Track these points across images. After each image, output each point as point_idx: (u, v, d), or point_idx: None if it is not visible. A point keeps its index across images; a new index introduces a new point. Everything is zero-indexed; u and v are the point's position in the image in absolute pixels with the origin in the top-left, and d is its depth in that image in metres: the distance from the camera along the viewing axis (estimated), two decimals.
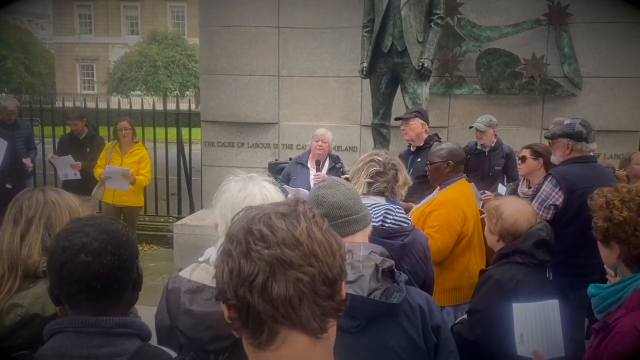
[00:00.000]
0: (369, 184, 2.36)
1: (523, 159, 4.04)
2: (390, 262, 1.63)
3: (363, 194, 2.37)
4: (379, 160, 2.37)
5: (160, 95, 28.38)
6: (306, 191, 5.15)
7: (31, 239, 1.76)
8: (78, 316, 1.24)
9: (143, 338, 1.32)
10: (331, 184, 1.77)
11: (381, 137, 5.60)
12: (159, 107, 8.28)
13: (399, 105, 5.57)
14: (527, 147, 4.08)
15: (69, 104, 8.01)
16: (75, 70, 41.70)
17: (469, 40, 6.15)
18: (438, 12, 5.20)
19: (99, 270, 1.24)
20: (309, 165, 5.30)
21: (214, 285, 1.74)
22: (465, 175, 3.45)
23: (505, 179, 5.23)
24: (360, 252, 1.60)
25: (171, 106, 7.92)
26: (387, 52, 5.23)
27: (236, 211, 1.78)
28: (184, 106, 8.42)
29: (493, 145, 5.29)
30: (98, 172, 5.97)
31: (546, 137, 3.77)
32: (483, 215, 3.51)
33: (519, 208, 2.51)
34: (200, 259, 1.91)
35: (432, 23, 5.19)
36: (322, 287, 0.85)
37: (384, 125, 5.57)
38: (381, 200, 2.36)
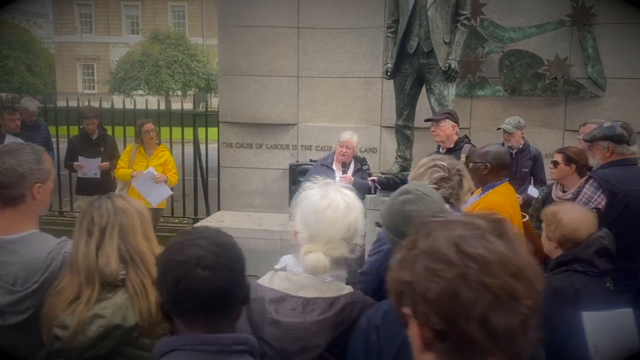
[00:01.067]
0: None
1: (555, 163, 3.98)
2: None
3: None
4: (443, 166, 2.32)
5: (163, 95, 28.29)
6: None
7: (107, 248, 1.71)
8: (193, 333, 1.20)
9: (254, 354, 1.28)
10: (417, 198, 1.70)
11: (405, 138, 5.56)
12: (163, 106, 8.20)
13: (421, 107, 5.54)
14: (559, 151, 4.02)
15: (73, 103, 7.92)
16: (76, 69, 41.53)
17: (492, 41, 6.11)
18: (465, 12, 5.16)
19: (216, 285, 1.19)
20: (334, 167, 5.26)
21: (297, 294, 1.72)
22: (507, 179, 3.41)
23: (532, 181, 5.21)
24: None
25: (175, 106, 7.87)
26: (413, 52, 5.18)
27: (320, 218, 1.76)
28: (187, 106, 8.35)
29: (520, 147, 5.27)
30: (121, 172, 5.93)
31: (585, 140, 3.73)
32: (525, 219, 3.49)
33: (579, 215, 2.46)
34: (277, 267, 1.87)
35: (458, 24, 5.15)
36: (534, 318, 0.80)
37: (408, 126, 5.53)
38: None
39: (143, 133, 5.83)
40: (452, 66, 5.07)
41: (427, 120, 4.86)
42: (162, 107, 8.15)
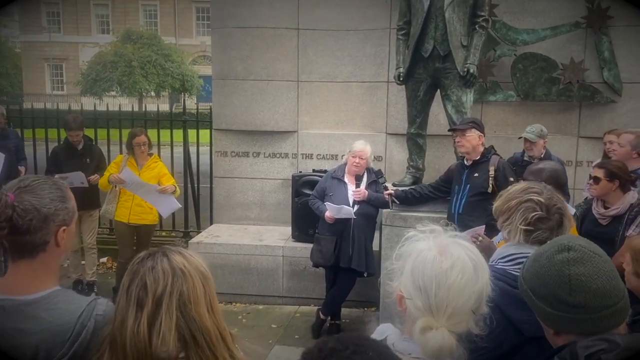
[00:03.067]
0: (528, 232, 1.92)
1: (596, 180, 3.68)
2: None
3: (515, 244, 1.97)
4: (540, 202, 1.93)
5: (136, 96, 27.50)
6: (350, 209, 4.74)
7: (163, 325, 1.29)
8: None
9: None
10: (583, 257, 1.30)
11: (417, 147, 5.21)
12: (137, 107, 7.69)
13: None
14: (600, 166, 3.71)
15: (39, 105, 7.37)
16: (44, 70, 40.18)
17: (504, 44, 5.83)
18: (483, 14, 4.84)
19: None
20: (346, 180, 4.89)
21: None
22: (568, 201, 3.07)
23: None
24: None
25: (149, 107, 7.40)
26: (428, 56, 4.85)
27: (443, 284, 1.36)
28: (162, 107, 7.89)
29: (542, 156, 4.99)
30: (101, 182, 5.49)
31: None
32: None
33: None
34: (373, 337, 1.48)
35: (476, 26, 4.82)
36: None
37: (421, 134, 5.18)
38: None
39: (134, 146, 5.36)
40: (471, 71, 4.75)
41: (451, 130, 4.52)
42: (136, 108, 7.65)
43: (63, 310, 1.46)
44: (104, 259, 6.84)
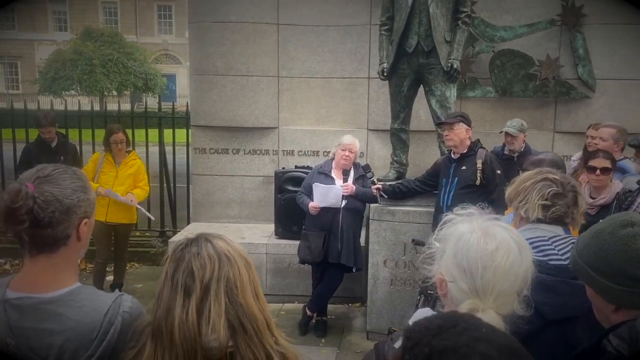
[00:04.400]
0: (545, 208, 1.94)
1: (604, 170, 3.74)
2: None
3: (534, 221, 1.99)
4: (556, 179, 1.96)
5: (97, 95, 26.72)
6: (340, 189, 4.71)
7: (212, 312, 1.24)
8: None
9: None
10: None
11: (401, 142, 5.24)
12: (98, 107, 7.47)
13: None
14: (606, 157, 3.76)
15: None
16: None
17: (482, 41, 5.92)
18: (465, 9, 4.90)
19: None
20: (333, 175, 4.87)
21: None
22: None
23: None
24: None
25: (110, 107, 7.23)
26: (412, 52, 4.87)
27: (489, 266, 1.35)
28: (123, 106, 7.72)
29: (522, 150, 5.09)
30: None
31: (631, 145, 3.54)
32: None
33: None
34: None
35: (459, 21, 4.88)
36: None
37: (404, 130, 5.21)
38: (557, 230, 1.96)
39: (112, 143, 5.19)
40: (455, 66, 4.80)
41: (438, 124, 4.56)
42: (97, 107, 7.43)
43: (88, 308, 1.39)
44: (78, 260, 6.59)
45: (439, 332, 0.82)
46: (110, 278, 5.83)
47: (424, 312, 1.45)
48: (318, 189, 4.69)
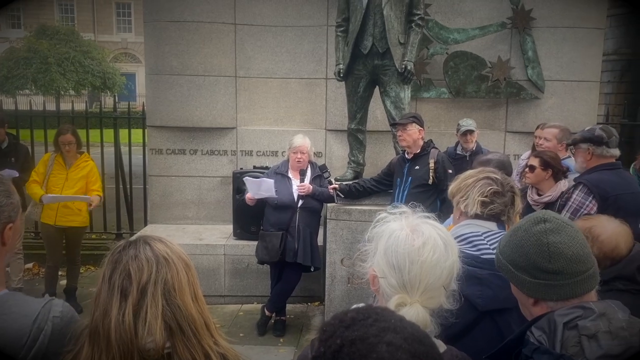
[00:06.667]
0: (484, 204, 2.02)
1: (532, 168, 3.91)
2: None
3: (471, 217, 2.06)
4: (496, 179, 2.05)
5: (53, 94, 25.97)
6: (271, 181, 4.76)
7: (149, 314, 1.25)
8: None
9: None
10: (558, 227, 1.38)
11: (358, 142, 5.31)
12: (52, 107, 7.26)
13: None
14: (536, 156, 3.95)
15: None
16: None
17: (437, 43, 6.05)
18: (419, 12, 5.00)
19: None
20: (290, 175, 4.89)
21: None
22: None
23: None
24: (618, 314, 1.27)
25: (65, 107, 7.08)
26: (367, 53, 4.95)
27: (416, 261, 1.40)
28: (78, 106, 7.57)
29: (474, 149, 5.23)
30: (32, 188, 5.15)
31: (568, 145, 3.69)
32: None
33: (618, 230, 2.30)
34: None
35: (412, 24, 4.98)
36: None
37: (361, 130, 5.29)
38: (492, 225, 2.04)
39: (61, 145, 5.07)
40: (409, 68, 4.90)
41: (392, 125, 4.64)
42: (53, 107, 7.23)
43: (17, 315, 1.36)
44: (30, 265, 6.43)
45: (352, 324, 0.86)
46: (64, 282, 5.71)
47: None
48: (249, 182, 4.79)
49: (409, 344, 0.82)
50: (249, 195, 4.88)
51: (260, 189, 4.73)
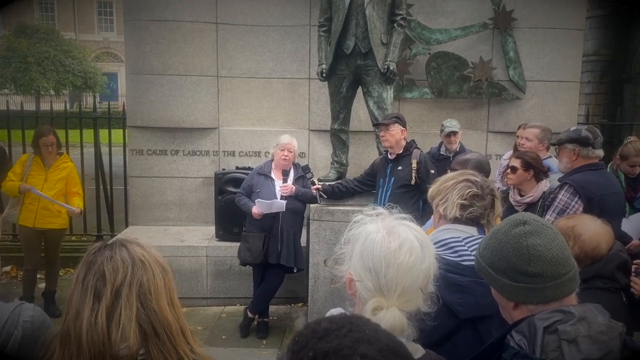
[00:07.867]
0: (463, 207, 1.99)
1: (513, 169, 3.92)
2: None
3: (451, 220, 2.04)
4: (476, 181, 2.03)
5: (33, 94, 25.58)
6: (282, 202, 4.69)
7: (123, 316, 1.21)
8: None
9: None
10: (538, 229, 1.37)
11: (341, 143, 5.30)
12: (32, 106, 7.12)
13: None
14: (517, 157, 3.96)
15: None
16: None
17: (419, 43, 6.05)
18: (401, 12, 5.00)
19: None
20: (273, 176, 4.85)
21: None
22: None
23: None
24: (598, 318, 1.26)
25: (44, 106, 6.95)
26: (350, 53, 4.93)
27: (392, 264, 1.38)
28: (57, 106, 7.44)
29: (457, 150, 5.24)
30: (8, 186, 5.05)
31: (552, 144, 3.71)
32: None
33: (599, 230, 2.32)
34: None
35: (395, 24, 4.97)
36: None
37: (344, 130, 5.27)
38: (472, 230, 2.02)
39: (41, 146, 4.98)
40: (391, 68, 4.89)
41: (375, 125, 4.63)
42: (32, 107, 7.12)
43: None
44: (7, 268, 6.31)
45: (325, 334, 0.83)
46: (43, 285, 5.61)
47: (336, 312, 1.47)
48: (260, 204, 4.66)
49: (384, 356, 0.80)
50: (256, 210, 4.70)
51: (271, 208, 4.66)
